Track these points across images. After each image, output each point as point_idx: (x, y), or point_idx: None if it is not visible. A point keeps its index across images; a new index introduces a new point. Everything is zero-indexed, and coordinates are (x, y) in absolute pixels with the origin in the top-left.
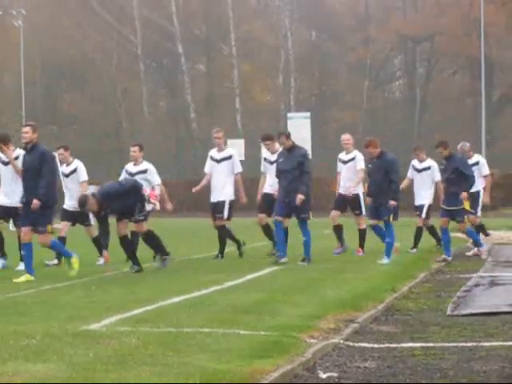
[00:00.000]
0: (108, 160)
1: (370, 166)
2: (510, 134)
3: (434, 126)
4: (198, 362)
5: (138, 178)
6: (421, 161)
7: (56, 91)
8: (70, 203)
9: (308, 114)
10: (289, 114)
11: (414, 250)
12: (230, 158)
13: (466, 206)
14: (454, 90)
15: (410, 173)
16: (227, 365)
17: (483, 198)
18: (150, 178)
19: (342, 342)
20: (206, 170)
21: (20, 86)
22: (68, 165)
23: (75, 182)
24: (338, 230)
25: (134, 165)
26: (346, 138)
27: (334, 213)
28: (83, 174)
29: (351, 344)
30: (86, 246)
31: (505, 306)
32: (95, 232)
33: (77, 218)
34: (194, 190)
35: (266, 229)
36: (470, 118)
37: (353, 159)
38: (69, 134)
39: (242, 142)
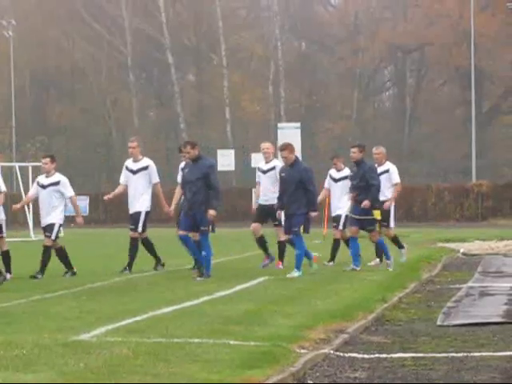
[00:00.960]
0: (98, 170)
1: (282, 174)
2: (500, 145)
3: (424, 137)
4: (188, 372)
5: (50, 190)
6: (338, 170)
7: (46, 102)
8: None
9: (298, 124)
10: (279, 125)
11: (331, 263)
12: (146, 168)
13: (377, 215)
14: (444, 101)
15: (327, 183)
16: (217, 375)
17: (384, 204)
18: (63, 191)
19: (332, 352)
20: (121, 180)
21: (10, 97)
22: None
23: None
24: (261, 241)
25: (46, 177)
26: (266, 146)
27: (255, 225)
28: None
29: (341, 354)
30: (77, 257)
31: (495, 317)
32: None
33: None
34: (105, 197)
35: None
36: (460, 128)
37: (273, 168)
38: (58, 145)
39: (232, 152)
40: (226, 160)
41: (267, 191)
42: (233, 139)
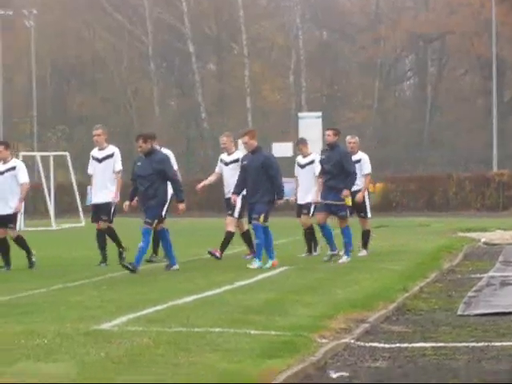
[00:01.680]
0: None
1: (244, 162)
2: None
3: (445, 126)
4: (208, 361)
5: (7, 175)
6: (304, 155)
7: (67, 91)
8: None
9: (319, 113)
10: (300, 114)
11: (315, 253)
12: (111, 156)
13: (348, 201)
14: (466, 90)
15: (296, 170)
16: (238, 365)
17: (357, 197)
18: (18, 176)
19: (352, 341)
20: (89, 171)
21: (31, 87)
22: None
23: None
24: (246, 235)
25: (3, 163)
26: (223, 140)
27: (230, 219)
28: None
29: (362, 344)
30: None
31: None
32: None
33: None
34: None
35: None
36: (481, 117)
37: (236, 160)
38: (79, 134)
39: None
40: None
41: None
42: (254, 128)
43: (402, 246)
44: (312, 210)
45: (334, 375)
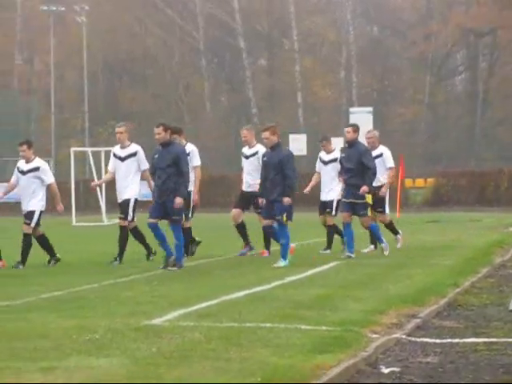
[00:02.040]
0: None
1: (264, 158)
2: None
3: (497, 121)
4: (260, 356)
5: (30, 175)
6: (328, 152)
7: (118, 87)
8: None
9: (370, 108)
10: (351, 109)
11: (328, 250)
12: (134, 154)
13: (369, 199)
14: None
15: (318, 166)
16: (289, 360)
17: (381, 191)
18: (43, 177)
19: (404, 337)
20: (110, 168)
21: (82, 83)
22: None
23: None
24: (241, 228)
25: (26, 163)
26: (244, 133)
27: (236, 211)
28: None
29: (413, 339)
30: (150, 243)
31: None
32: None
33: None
34: (93, 184)
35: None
36: None
37: (256, 153)
38: (130, 130)
39: (303, 137)
40: (298, 145)
41: (250, 177)
42: (304, 124)
43: (453, 241)
44: (335, 207)
45: (386, 370)
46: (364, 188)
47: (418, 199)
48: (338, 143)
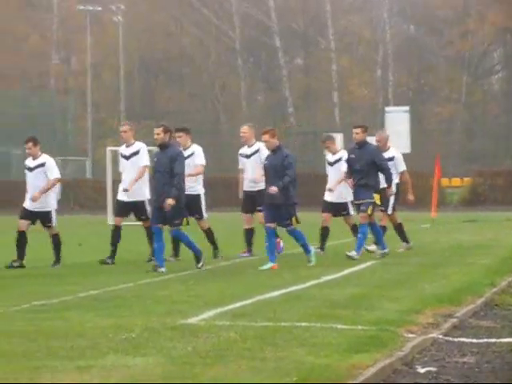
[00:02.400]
0: (205, 155)
1: (265, 162)
2: None
3: None
4: (295, 356)
5: (36, 171)
6: (333, 153)
7: (154, 86)
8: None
9: (407, 108)
10: (387, 108)
11: (320, 250)
12: (137, 152)
13: (377, 199)
14: None
15: (326, 168)
16: (325, 359)
17: (408, 196)
18: (47, 172)
19: (440, 336)
20: (121, 169)
21: (119, 82)
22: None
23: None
24: (248, 233)
25: (33, 159)
26: (243, 129)
27: (246, 216)
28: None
29: (450, 339)
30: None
31: None
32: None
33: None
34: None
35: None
36: None
37: (257, 151)
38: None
39: (340, 135)
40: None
41: (251, 177)
42: (340, 123)
43: (490, 240)
44: (351, 209)
45: (422, 370)
46: (390, 191)
47: (454, 198)
48: (373, 143)
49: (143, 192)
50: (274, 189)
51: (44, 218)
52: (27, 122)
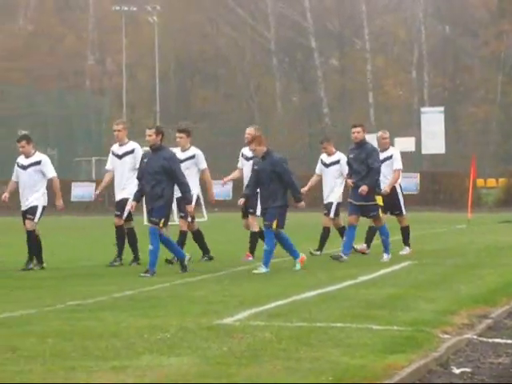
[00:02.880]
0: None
1: (255, 167)
2: None
3: None
4: (330, 356)
5: (30, 170)
6: (329, 154)
7: (190, 87)
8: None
9: (442, 108)
10: (422, 109)
11: (318, 252)
12: (132, 152)
13: (379, 201)
14: None
15: (318, 168)
16: (360, 360)
17: (383, 190)
18: (44, 170)
19: (475, 337)
20: (107, 167)
21: (154, 83)
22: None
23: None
24: (254, 236)
25: (26, 158)
26: (248, 131)
27: (246, 221)
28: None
29: (485, 340)
30: (220, 241)
31: None
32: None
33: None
34: (94, 195)
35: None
36: None
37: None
38: (202, 130)
39: (375, 136)
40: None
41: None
42: (376, 123)
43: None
44: (333, 210)
45: (457, 371)
46: (363, 188)
47: (489, 199)
48: (408, 143)
49: (131, 191)
50: (302, 204)
51: (30, 210)
52: (63, 123)
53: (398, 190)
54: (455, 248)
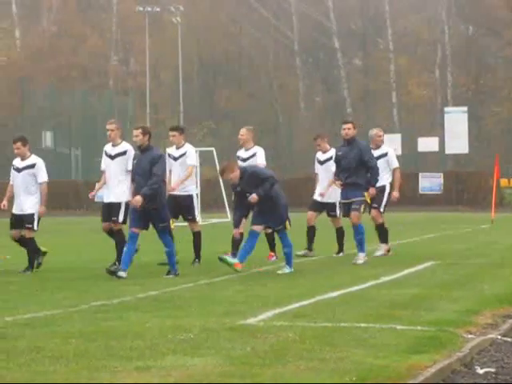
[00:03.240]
0: (265, 155)
1: (238, 189)
2: None
3: None
4: (354, 357)
5: (25, 173)
6: (324, 151)
7: (213, 87)
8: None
9: (465, 108)
10: (446, 109)
11: (341, 253)
12: (124, 153)
13: (367, 198)
14: None
15: (316, 167)
16: (384, 360)
17: (393, 193)
18: (37, 174)
19: (499, 337)
20: (102, 167)
21: (178, 82)
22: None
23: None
24: (270, 235)
25: (22, 160)
26: (243, 131)
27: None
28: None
29: (509, 340)
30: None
31: None
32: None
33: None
34: (90, 195)
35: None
36: None
37: (253, 155)
38: (225, 130)
39: (398, 136)
40: (393, 144)
41: None
42: (399, 123)
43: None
44: (338, 209)
45: (481, 371)
46: (372, 191)
47: None
48: (432, 143)
49: (123, 194)
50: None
51: (27, 219)
52: (86, 123)
53: (387, 188)
54: (479, 248)
